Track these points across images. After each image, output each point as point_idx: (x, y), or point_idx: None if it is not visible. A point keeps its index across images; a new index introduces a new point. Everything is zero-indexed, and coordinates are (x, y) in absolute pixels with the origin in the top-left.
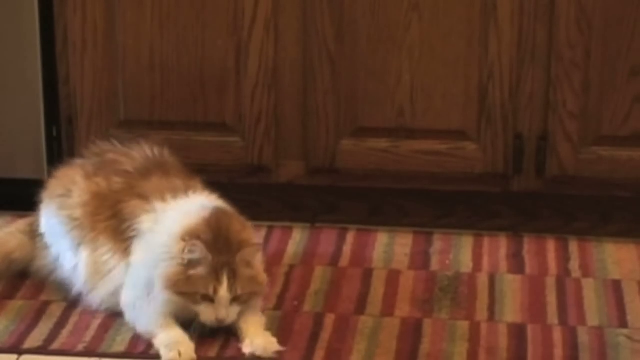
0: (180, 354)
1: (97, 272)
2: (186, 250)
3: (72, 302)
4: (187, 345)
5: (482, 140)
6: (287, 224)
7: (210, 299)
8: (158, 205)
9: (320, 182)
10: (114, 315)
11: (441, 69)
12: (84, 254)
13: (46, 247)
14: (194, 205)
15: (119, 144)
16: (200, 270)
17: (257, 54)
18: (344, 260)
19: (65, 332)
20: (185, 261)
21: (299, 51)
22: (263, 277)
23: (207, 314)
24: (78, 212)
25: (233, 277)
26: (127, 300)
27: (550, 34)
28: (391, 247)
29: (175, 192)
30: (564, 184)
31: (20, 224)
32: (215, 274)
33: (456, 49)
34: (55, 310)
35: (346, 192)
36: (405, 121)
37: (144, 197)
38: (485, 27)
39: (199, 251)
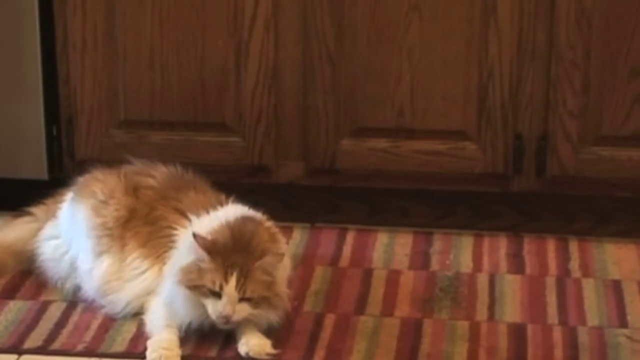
0: (161, 357)
1: (118, 278)
2: (192, 248)
3: (72, 302)
4: (173, 350)
5: (482, 140)
6: (287, 224)
7: (217, 295)
8: (193, 218)
9: (320, 182)
10: (114, 315)
11: (441, 69)
12: (106, 262)
13: (55, 236)
14: (225, 212)
15: (150, 163)
16: (209, 265)
17: (257, 54)
18: (344, 260)
19: (65, 332)
20: (192, 256)
21: (299, 51)
22: (282, 289)
23: (213, 308)
24: (111, 224)
25: (244, 278)
26: (153, 306)
27: (550, 34)
28: (391, 247)
29: (209, 207)
30: (564, 184)
31: (38, 211)
32: (223, 271)
33: (456, 49)
34: (55, 310)
35: (346, 192)
36: (405, 121)
37: (181, 211)
38: (485, 27)
39: (196, 248)
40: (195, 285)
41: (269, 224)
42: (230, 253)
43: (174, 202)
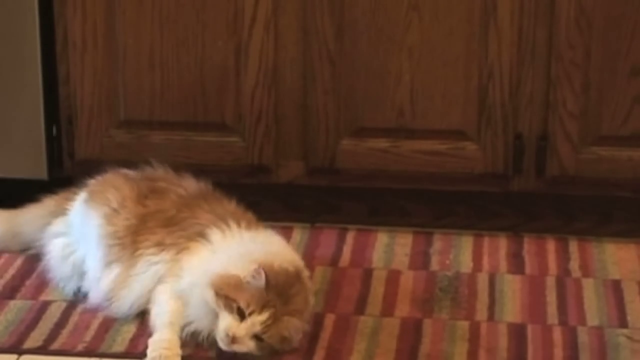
0: (161, 356)
1: (125, 286)
2: (253, 272)
3: (72, 302)
4: (173, 350)
5: (482, 140)
6: (287, 224)
7: (242, 315)
8: (233, 225)
9: (320, 182)
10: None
11: (441, 69)
12: (115, 271)
13: (63, 233)
14: (280, 247)
15: (171, 171)
16: (255, 290)
17: (257, 54)
18: (344, 260)
19: (65, 332)
20: (245, 279)
21: (299, 51)
22: (294, 344)
23: (227, 324)
24: (122, 232)
25: (272, 323)
26: (161, 298)
27: (550, 34)
28: (391, 247)
29: (240, 221)
30: (564, 184)
31: (49, 203)
32: (262, 303)
33: (456, 49)
34: (55, 310)
35: (346, 192)
36: (405, 121)
37: (217, 214)
38: (485, 27)
39: (260, 279)
40: (226, 295)
41: (307, 273)
42: (277, 294)
43: (206, 206)
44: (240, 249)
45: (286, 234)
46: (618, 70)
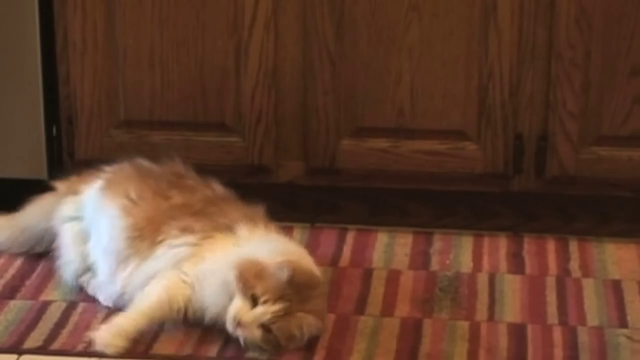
0: (106, 344)
1: (140, 273)
2: (279, 264)
3: (72, 302)
4: (120, 342)
5: (482, 140)
6: (287, 224)
7: (254, 302)
8: (260, 225)
9: (320, 182)
10: (114, 315)
11: (441, 69)
12: (132, 266)
13: (76, 218)
14: (305, 255)
15: (191, 169)
16: (274, 280)
17: (257, 54)
18: (344, 260)
19: (65, 332)
20: (270, 269)
21: (299, 51)
22: (300, 344)
23: (237, 307)
24: (143, 223)
25: (283, 316)
26: (161, 283)
27: (550, 34)
28: (391, 247)
29: (267, 224)
30: (564, 184)
31: (60, 187)
32: (278, 295)
33: (456, 49)
34: (55, 310)
35: (346, 192)
36: (405, 121)
37: (246, 214)
38: (485, 27)
39: (284, 272)
40: (246, 279)
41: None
42: (297, 291)
43: (234, 206)
44: (267, 246)
45: (286, 234)
46: (618, 70)
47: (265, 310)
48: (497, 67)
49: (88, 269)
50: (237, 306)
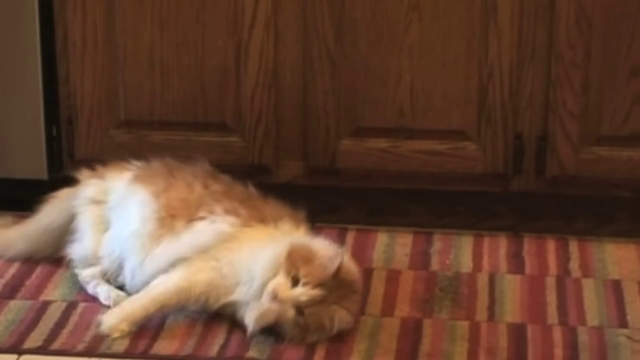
0: (120, 320)
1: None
2: (332, 255)
3: (72, 302)
4: (127, 327)
5: (482, 140)
6: None
7: (295, 282)
8: (302, 227)
9: (320, 182)
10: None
11: (441, 69)
12: (165, 243)
13: (99, 201)
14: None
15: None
16: (321, 268)
17: (257, 54)
18: None
19: (65, 332)
20: (321, 258)
21: (299, 51)
22: (326, 336)
23: (278, 281)
24: (178, 204)
25: (318, 304)
26: (195, 266)
27: (550, 34)
28: (391, 247)
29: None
30: (564, 184)
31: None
32: (320, 282)
33: (456, 49)
34: (55, 310)
35: (346, 192)
36: (405, 121)
37: (286, 212)
38: (485, 27)
39: (333, 264)
40: (295, 259)
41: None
42: (338, 286)
43: (276, 204)
44: (316, 241)
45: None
46: (618, 70)
47: (303, 292)
48: (497, 67)
49: (95, 262)
50: (279, 281)
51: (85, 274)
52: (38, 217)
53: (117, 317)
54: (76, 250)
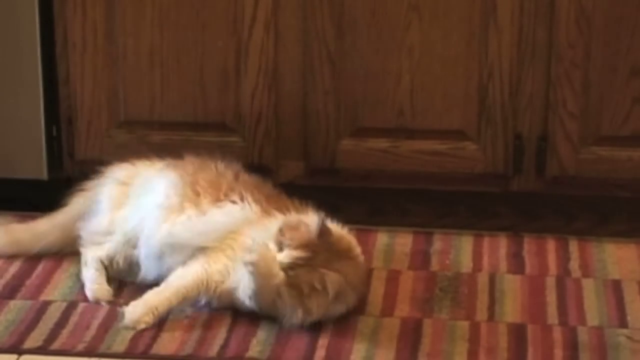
0: (144, 312)
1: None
2: (314, 219)
3: (72, 302)
4: (147, 320)
5: (482, 140)
6: None
7: (281, 248)
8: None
9: (320, 182)
10: (114, 315)
11: (441, 69)
12: (188, 214)
13: (124, 182)
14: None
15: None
16: (305, 232)
17: (257, 54)
18: None
19: (65, 332)
20: (306, 224)
21: (299, 51)
22: (325, 301)
23: (263, 249)
24: (204, 184)
25: (304, 265)
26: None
27: (550, 34)
28: (391, 247)
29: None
30: (564, 184)
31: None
32: (303, 243)
33: (456, 49)
34: (55, 310)
35: (346, 192)
36: (405, 121)
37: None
38: (485, 27)
39: (315, 226)
40: (282, 231)
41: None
42: (325, 248)
43: (300, 203)
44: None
45: None
46: (618, 70)
47: (287, 254)
48: (497, 67)
49: (102, 241)
50: (265, 247)
51: (88, 254)
52: (67, 208)
53: (141, 310)
54: (89, 225)
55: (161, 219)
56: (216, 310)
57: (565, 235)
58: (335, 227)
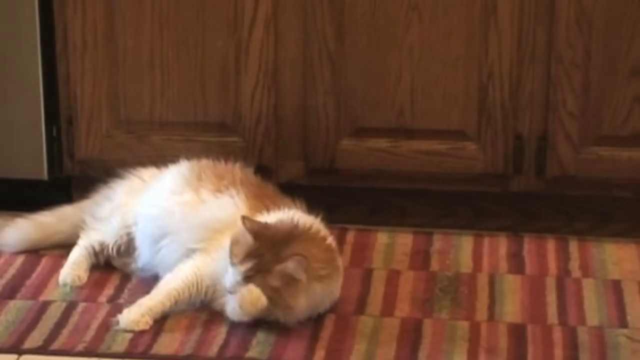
0: (140, 314)
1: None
2: (243, 225)
3: (72, 302)
4: (145, 323)
5: (482, 140)
6: None
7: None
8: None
9: (320, 182)
10: (114, 315)
11: (441, 69)
12: (188, 196)
13: (142, 178)
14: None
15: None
16: (244, 241)
17: (257, 54)
18: (344, 260)
19: (65, 332)
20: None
21: (299, 51)
22: (297, 291)
23: (245, 293)
24: (209, 175)
25: (260, 274)
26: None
27: (550, 34)
28: (391, 247)
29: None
30: (564, 184)
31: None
32: (246, 253)
33: (456, 49)
34: (55, 310)
35: (346, 192)
36: (405, 121)
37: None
38: (485, 27)
39: (244, 226)
40: (230, 249)
41: (327, 240)
42: (267, 246)
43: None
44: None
45: None
46: (618, 70)
47: (238, 270)
48: (497, 67)
49: (101, 227)
50: (225, 277)
51: (84, 237)
52: (78, 204)
53: (137, 312)
54: (94, 211)
55: (162, 199)
56: (216, 310)
57: (565, 236)
58: (279, 214)
